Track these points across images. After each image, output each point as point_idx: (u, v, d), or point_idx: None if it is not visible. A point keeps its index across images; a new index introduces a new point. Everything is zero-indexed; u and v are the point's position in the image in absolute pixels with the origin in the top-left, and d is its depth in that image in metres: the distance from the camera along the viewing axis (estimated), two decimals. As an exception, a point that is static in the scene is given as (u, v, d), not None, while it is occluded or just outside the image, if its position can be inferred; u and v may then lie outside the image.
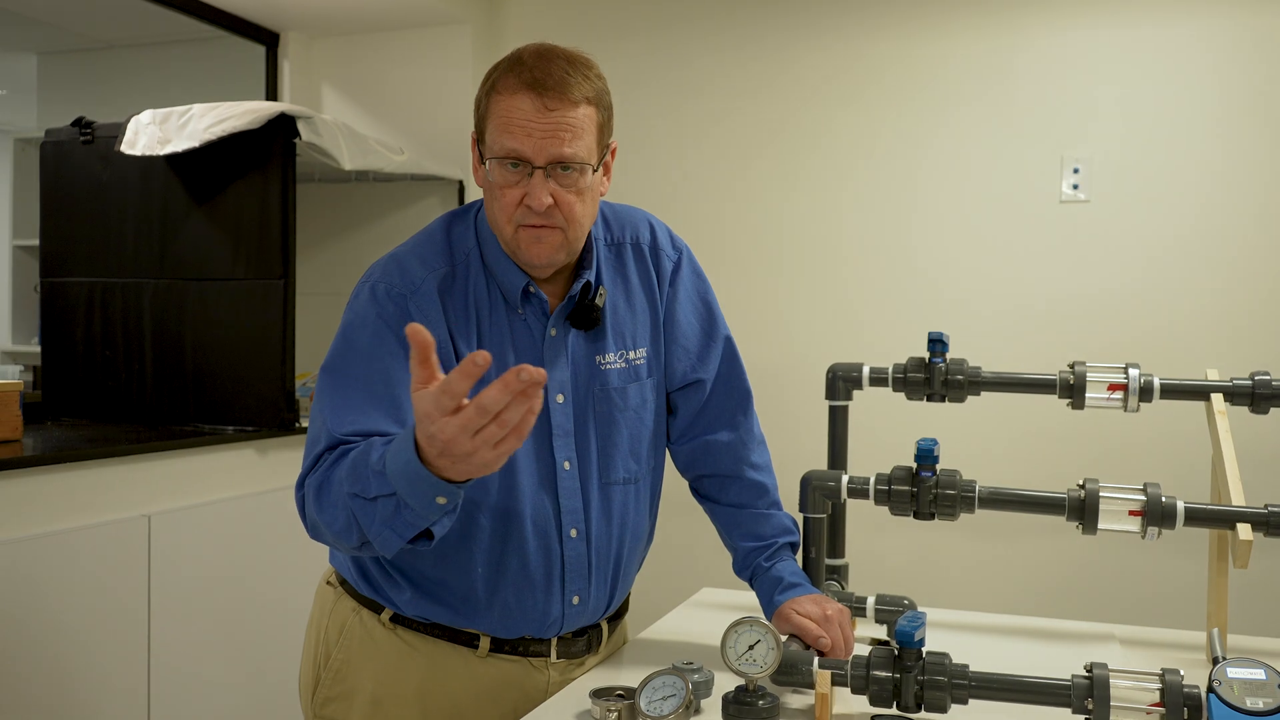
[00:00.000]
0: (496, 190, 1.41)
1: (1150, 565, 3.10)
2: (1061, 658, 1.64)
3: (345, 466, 1.27)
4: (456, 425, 1.08)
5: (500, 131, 1.38)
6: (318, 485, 1.31)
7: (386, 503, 1.20)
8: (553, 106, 1.37)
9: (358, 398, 1.36)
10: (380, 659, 1.50)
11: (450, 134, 3.65)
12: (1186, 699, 1.24)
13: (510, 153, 1.37)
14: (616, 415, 1.53)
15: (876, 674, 1.34)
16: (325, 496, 1.29)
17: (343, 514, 1.26)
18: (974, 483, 1.66)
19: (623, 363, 1.54)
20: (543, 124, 1.37)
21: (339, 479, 1.27)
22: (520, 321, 1.48)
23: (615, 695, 1.39)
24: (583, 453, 1.51)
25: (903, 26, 3.39)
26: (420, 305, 1.41)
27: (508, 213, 1.41)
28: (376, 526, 1.22)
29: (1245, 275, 3.09)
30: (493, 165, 1.40)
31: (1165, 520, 1.58)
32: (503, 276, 1.47)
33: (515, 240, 1.42)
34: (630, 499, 1.56)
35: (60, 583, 2.36)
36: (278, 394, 2.93)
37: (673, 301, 1.61)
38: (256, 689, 2.84)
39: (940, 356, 1.81)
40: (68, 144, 3.14)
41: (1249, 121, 3.09)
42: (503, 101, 1.39)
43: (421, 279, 1.43)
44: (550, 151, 1.37)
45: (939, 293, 3.34)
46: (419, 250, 1.48)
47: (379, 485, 1.20)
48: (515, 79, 1.38)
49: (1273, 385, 1.76)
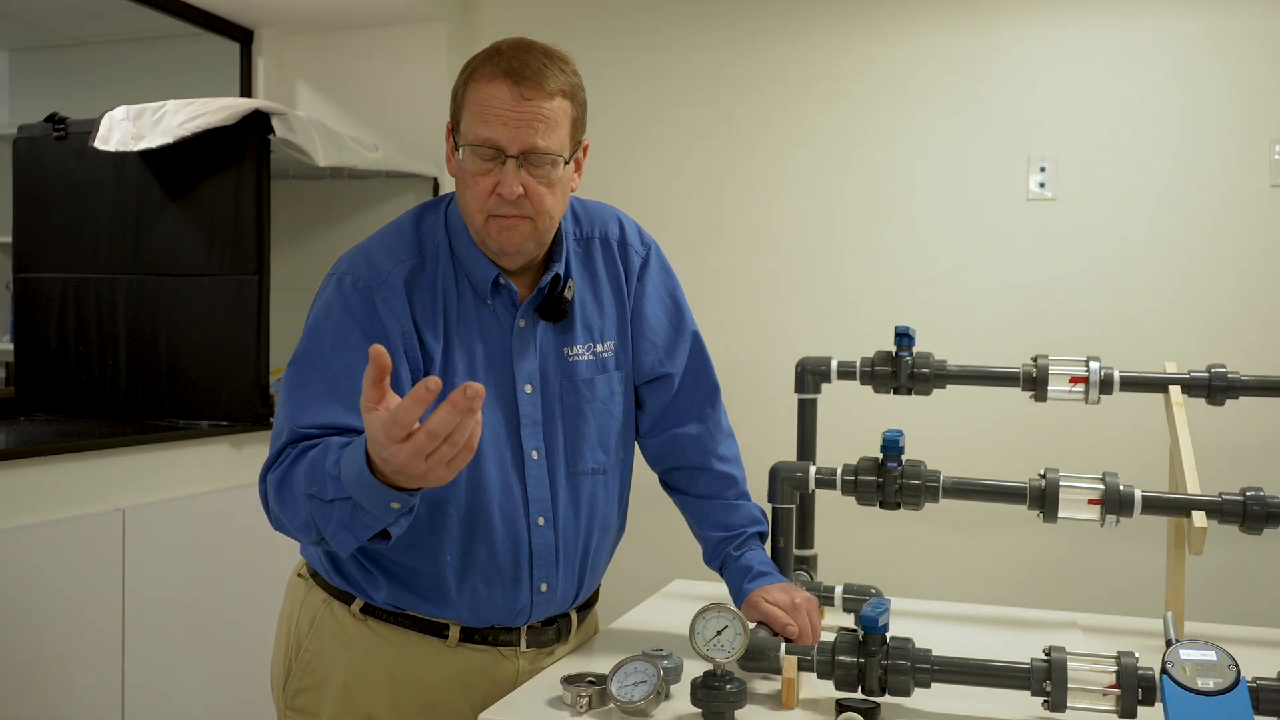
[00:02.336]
0: (469, 178, 1.43)
1: (1112, 555, 3.16)
2: (1024, 644, 1.67)
3: (304, 466, 1.29)
4: (409, 450, 1.11)
5: (475, 119, 1.40)
6: (279, 480, 1.34)
7: (343, 505, 1.23)
8: (529, 96, 1.39)
9: (320, 391, 1.37)
10: (351, 649, 1.52)
11: (425, 131, 3.66)
12: (1141, 680, 1.28)
13: (484, 140, 1.40)
14: (584, 406, 1.56)
15: (841, 659, 1.37)
16: (286, 493, 1.32)
17: (303, 512, 1.29)
18: (938, 473, 1.70)
19: (590, 355, 1.57)
20: (518, 113, 1.39)
21: (298, 477, 1.29)
22: (490, 313, 1.50)
23: (586, 681, 1.41)
24: (550, 442, 1.53)
25: (870, 28, 3.43)
26: (385, 298, 1.43)
27: (479, 201, 1.43)
28: (333, 528, 1.25)
29: (1205, 271, 3.14)
30: (466, 153, 1.41)
31: (1123, 508, 1.62)
32: (473, 268, 1.49)
33: (485, 229, 1.44)
34: (599, 489, 1.58)
35: (33, 577, 2.36)
36: (252, 389, 2.93)
37: (640, 296, 1.63)
38: (231, 683, 2.85)
39: (907, 350, 1.85)
40: (41, 140, 3.13)
41: (1211, 120, 3.14)
42: (479, 89, 1.41)
43: (388, 271, 1.45)
44: (524, 141, 1.39)
45: (908, 289, 3.37)
46: (387, 242, 1.49)
47: (335, 489, 1.23)
48: (493, 68, 1.41)
49: (1229, 378, 1.80)
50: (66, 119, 3.11)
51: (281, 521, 1.36)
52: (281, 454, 1.36)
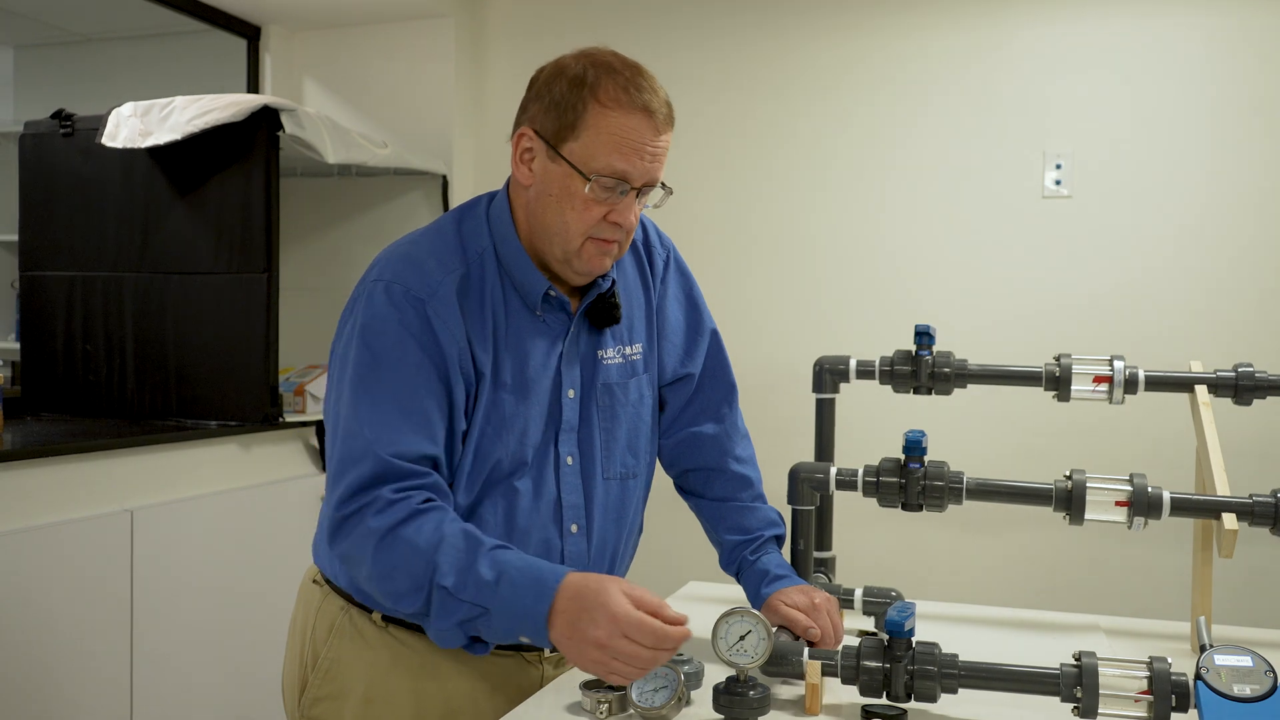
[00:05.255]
0: (578, 201, 1.39)
1: (1132, 558, 3.13)
2: (1047, 648, 1.65)
3: (440, 547, 1.27)
4: (629, 652, 1.20)
5: (609, 149, 1.37)
6: (381, 533, 1.29)
7: (472, 609, 1.25)
8: (661, 131, 1.40)
9: (393, 415, 1.34)
10: (372, 657, 1.48)
11: (433, 128, 3.64)
12: (1174, 686, 1.25)
13: (618, 173, 1.38)
14: (618, 410, 1.54)
15: (867, 664, 1.34)
16: (391, 551, 1.29)
17: (413, 584, 1.28)
18: (962, 474, 1.67)
19: (620, 358, 1.55)
20: (652, 149, 1.39)
21: (424, 552, 1.27)
22: (539, 322, 1.47)
23: (606, 687, 1.38)
24: (586, 448, 1.51)
25: (884, 21, 3.40)
26: (438, 310, 1.38)
27: (584, 224, 1.40)
28: (446, 622, 1.27)
29: (1227, 268, 3.11)
30: (594, 182, 1.37)
31: (1152, 510, 1.59)
32: (522, 278, 1.45)
33: (580, 250, 1.42)
34: (628, 494, 1.57)
35: (42, 578, 2.34)
36: (261, 389, 2.91)
37: (663, 298, 1.62)
38: (239, 685, 2.83)
39: (927, 349, 1.82)
40: (47, 136, 3.11)
41: (1230, 116, 3.11)
42: (614, 118, 1.37)
43: (439, 281, 1.40)
44: (650, 176, 1.41)
45: (923, 288, 3.35)
46: (434, 249, 1.44)
47: (477, 594, 1.25)
48: (625, 96, 1.37)
49: (1256, 377, 1.77)
50: (74, 115, 3.09)
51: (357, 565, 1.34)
52: (369, 488, 1.32)
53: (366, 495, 1.32)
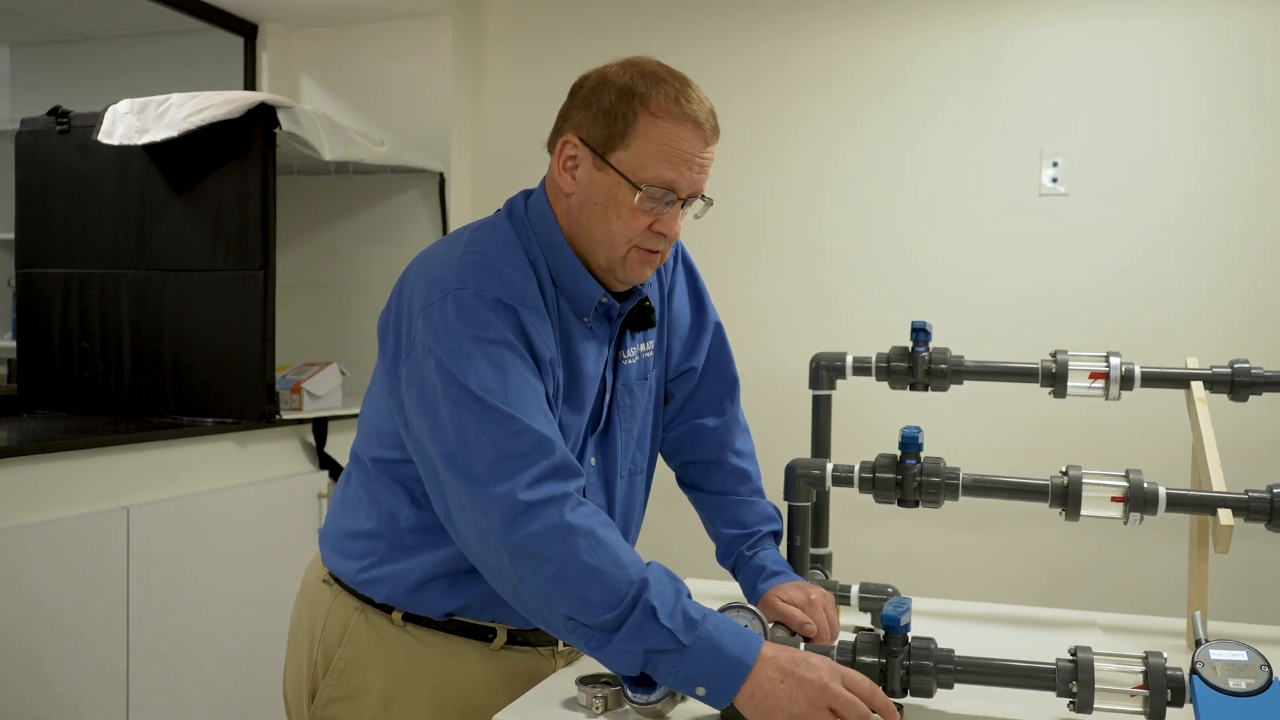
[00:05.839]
0: (625, 210, 1.38)
1: (1127, 555, 3.13)
2: (1043, 644, 1.65)
3: (650, 571, 1.24)
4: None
5: (660, 160, 1.37)
6: (590, 532, 1.23)
7: (669, 639, 1.21)
8: (709, 143, 1.41)
9: (539, 415, 1.29)
10: (391, 657, 1.47)
11: (431, 126, 3.63)
12: (1170, 681, 1.25)
13: (668, 184, 1.38)
14: (636, 410, 1.55)
15: (862, 659, 1.34)
16: (598, 554, 1.22)
17: (613, 595, 1.21)
18: (958, 470, 1.67)
19: (636, 357, 1.55)
20: (700, 160, 1.40)
21: (628, 567, 1.22)
22: (586, 330, 1.47)
23: (602, 682, 1.38)
24: (608, 449, 1.52)
25: (883, 21, 3.40)
26: (530, 318, 1.35)
27: (630, 233, 1.40)
28: (636, 645, 1.21)
29: (1224, 265, 3.12)
30: (643, 193, 1.37)
31: (1147, 506, 1.59)
32: (575, 286, 1.44)
33: (625, 258, 1.42)
34: (634, 490, 1.58)
35: (37, 576, 2.34)
36: (258, 386, 2.91)
37: (672, 292, 1.63)
38: (236, 682, 2.82)
39: (923, 345, 1.82)
40: (44, 133, 3.11)
41: (1226, 114, 3.11)
42: (665, 129, 1.37)
43: (524, 290, 1.36)
44: (696, 187, 1.42)
45: (921, 285, 3.35)
46: (507, 255, 1.40)
47: (683, 625, 1.21)
48: (675, 107, 1.38)
49: (1252, 373, 1.77)
50: (70, 113, 3.08)
51: (552, 567, 1.22)
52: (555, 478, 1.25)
53: (557, 487, 1.25)
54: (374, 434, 1.47)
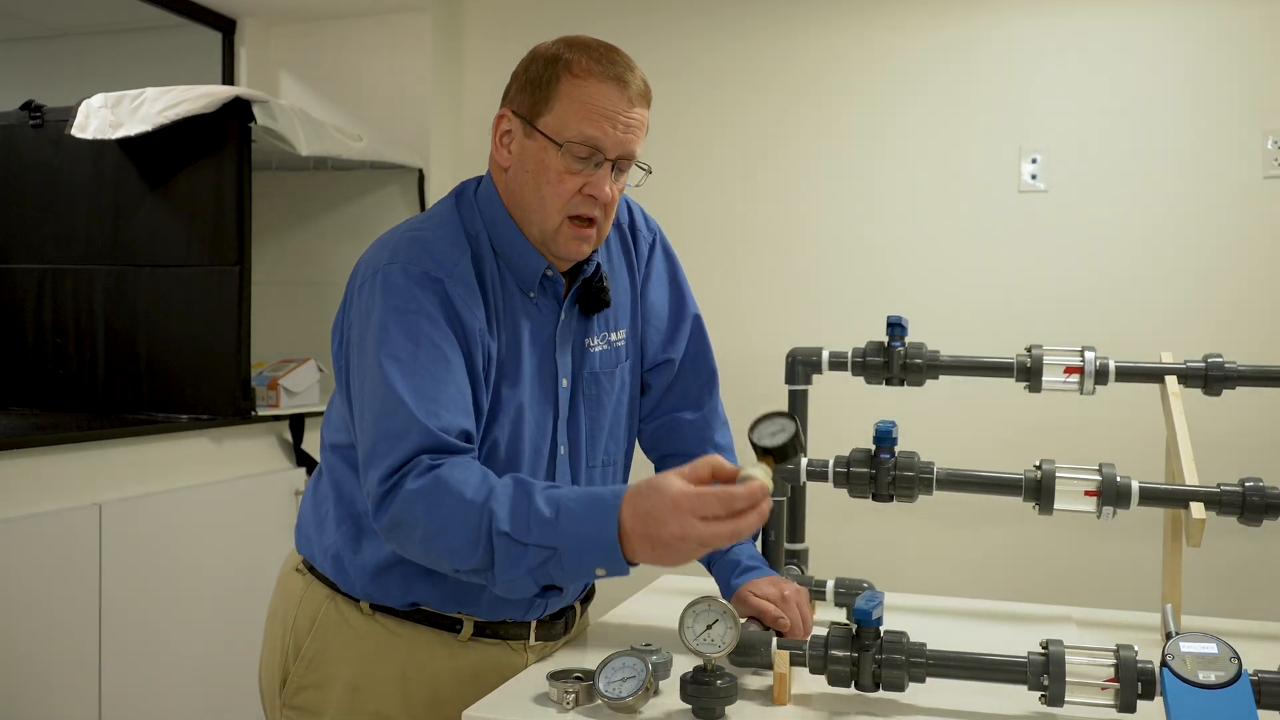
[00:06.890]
0: (554, 175, 1.39)
1: (1104, 550, 3.13)
2: (1019, 638, 1.64)
3: (491, 495, 1.23)
4: (716, 531, 1.17)
5: (579, 117, 1.37)
6: (429, 490, 1.25)
7: (539, 552, 1.20)
8: (635, 103, 1.39)
9: (431, 390, 1.31)
10: (359, 646, 1.47)
11: (410, 122, 3.62)
12: (1140, 673, 1.25)
13: (588, 140, 1.37)
14: (604, 398, 1.54)
15: (834, 653, 1.34)
16: (442, 506, 1.24)
17: (468, 537, 1.22)
18: (932, 464, 1.66)
19: (605, 345, 1.54)
20: (626, 119, 1.38)
21: (474, 503, 1.23)
22: (533, 306, 1.46)
23: (573, 678, 1.37)
24: (574, 437, 1.51)
25: (862, 17, 3.40)
26: (457, 290, 1.37)
27: (560, 200, 1.39)
28: (514, 571, 1.21)
29: (1202, 263, 3.13)
30: (565, 150, 1.37)
31: (1120, 500, 1.59)
32: (519, 260, 1.44)
33: (558, 231, 1.41)
34: (609, 481, 1.57)
35: (8, 573, 2.31)
36: (233, 383, 2.89)
37: (646, 281, 1.62)
38: (209, 680, 2.80)
39: (899, 340, 1.82)
40: (16, 128, 3.08)
41: (1205, 111, 3.13)
42: (585, 86, 1.37)
43: (454, 262, 1.38)
44: (625, 146, 1.39)
45: (900, 281, 3.35)
46: (441, 230, 1.42)
47: (540, 534, 1.20)
48: (597, 66, 1.38)
49: (1225, 367, 1.77)
50: (43, 107, 3.06)
51: (411, 531, 1.26)
52: (414, 459, 1.27)
53: (409, 466, 1.28)
54: (337, 419, 1.49)
